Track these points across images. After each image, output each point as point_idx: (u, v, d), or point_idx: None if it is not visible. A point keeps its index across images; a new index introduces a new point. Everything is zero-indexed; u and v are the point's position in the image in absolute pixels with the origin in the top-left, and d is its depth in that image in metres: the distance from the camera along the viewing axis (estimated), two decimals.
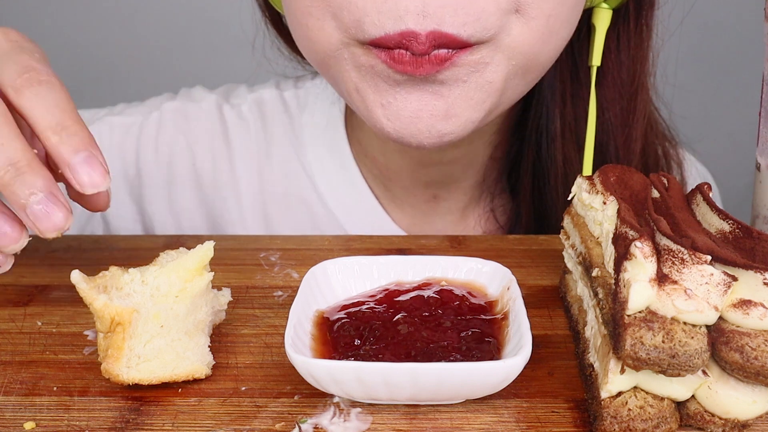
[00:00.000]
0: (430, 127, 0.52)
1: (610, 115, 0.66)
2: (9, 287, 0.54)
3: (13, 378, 0.44)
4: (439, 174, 0.70)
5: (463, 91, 0.52)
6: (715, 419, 0.40)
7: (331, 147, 0.73)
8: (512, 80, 0.54)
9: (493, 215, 0.73)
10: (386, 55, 0.50)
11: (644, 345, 0.37)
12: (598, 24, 0.61)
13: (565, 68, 0.65)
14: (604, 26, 0.61)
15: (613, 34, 0.64)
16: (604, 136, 0.67)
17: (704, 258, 0.38)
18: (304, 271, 0.48)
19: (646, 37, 0.65)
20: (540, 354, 0.46)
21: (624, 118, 0.66)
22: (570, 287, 0.51)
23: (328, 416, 0.41)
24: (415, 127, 0.52)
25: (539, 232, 0.69)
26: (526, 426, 0.41)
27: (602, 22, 0.61)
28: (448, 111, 0.52)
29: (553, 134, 0.66)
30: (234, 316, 0.51)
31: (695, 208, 0.45)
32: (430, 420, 0.41)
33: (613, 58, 0.65)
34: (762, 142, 0.55)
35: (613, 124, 0.66)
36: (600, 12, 0.61)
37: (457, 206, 0.73)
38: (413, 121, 0.52)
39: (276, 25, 0.71)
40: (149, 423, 0.41)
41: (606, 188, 0.46)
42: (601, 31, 0.61)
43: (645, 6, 0.64)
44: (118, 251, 0.60)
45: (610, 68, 0.65)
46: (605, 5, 0.61)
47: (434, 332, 0.43)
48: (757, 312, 0.37)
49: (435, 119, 0.52)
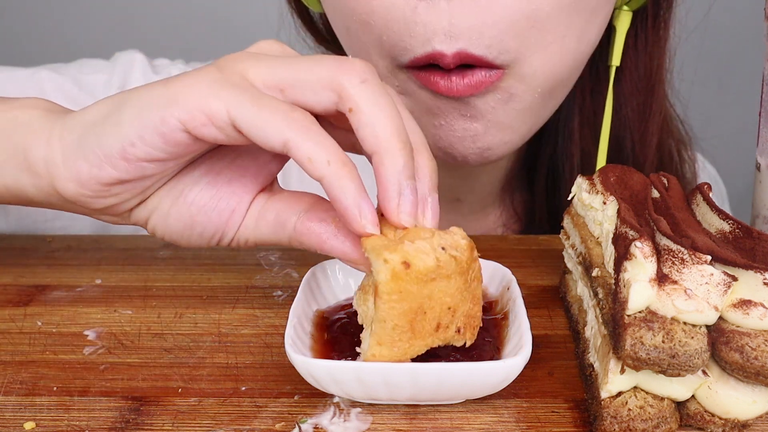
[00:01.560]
0: (472, 145, 0.57)
1: (628, 110, 0.68)
2: (9, 287, 0.54)
3: (13, 378, 0.44)
4: (464, 180, 0.71)
5: (495, 116, 0.56)
6: (715, 419, 0.40)
7: None
8: (540, 103, 0.57)
9: (513, 210, 0.74)
10: (425, 78, 0.54)
11: (644, 345, 0.37)
12: (618, 26, 0.63)
13: (585, 67, 0.67)
14: (625, 28, 0.63)
15: (632, 33, 0.65)
16: (621, 130, 0.68)
17: (704, 258, 0.38)
18: (304, 271, 0.48)
19: (664, 35, 0.67)
20: (540, 354, 0.46)
21: (641, 113, 0.68)
22: (570, 287, 0.51)
23: (328, 416, 0.41)
24: (462, 145, 0.57)
25: (554, 227, 0.70)
26: (526, 426, 0.41)
27: (623, 25, 0.63)
28: (487, 131, 0.56)
29: (571, 129, 0.68)
30: (234, 316, 0.51)
31: (695, 208, 0.45)
32: (430, 420, 0.41)
33: (631, 55, 0.66)
34: (762, 142, 0.55)
35: (630, 118, 0.68)
36: (621, 14, 0.63)
37: (480, 206, 0.74)
38: (460, 140, 0.57)
39: (302, 16, 0.72)
40: (149, 423, 0.41)
41: (606, 188, 0.46)
42: (621, 33, 0.63)
43: (663, 6, 0.65)
44: (118, 251, 0.60)
45: (628, 65, 0.66)
46: (626, 8, 0.62)
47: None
48: (757, 312, 0.37)
49: (477, 138, 0.57)
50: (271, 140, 0.39)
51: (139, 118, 0.41)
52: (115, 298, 0.53)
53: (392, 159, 0.39)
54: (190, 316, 0.51)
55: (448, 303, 0.39)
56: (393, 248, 0.38)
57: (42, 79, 0.73)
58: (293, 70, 0.41)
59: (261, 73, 0.41)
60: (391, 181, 0.39)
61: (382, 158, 0.39)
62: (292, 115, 0.39)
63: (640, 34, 0.66)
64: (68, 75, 0.74)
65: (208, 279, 0.55)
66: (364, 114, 0.39)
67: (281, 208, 0.45)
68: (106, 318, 0.50)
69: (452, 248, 0.39)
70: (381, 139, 0.39)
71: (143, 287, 0.54)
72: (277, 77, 0.41)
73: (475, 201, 0.73)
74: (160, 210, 0.46)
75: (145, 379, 0.44)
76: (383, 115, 0.39)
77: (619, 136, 0.68)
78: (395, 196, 0.40)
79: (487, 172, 0.71)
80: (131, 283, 0.55)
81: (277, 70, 0.41)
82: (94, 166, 0.43)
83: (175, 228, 0.46)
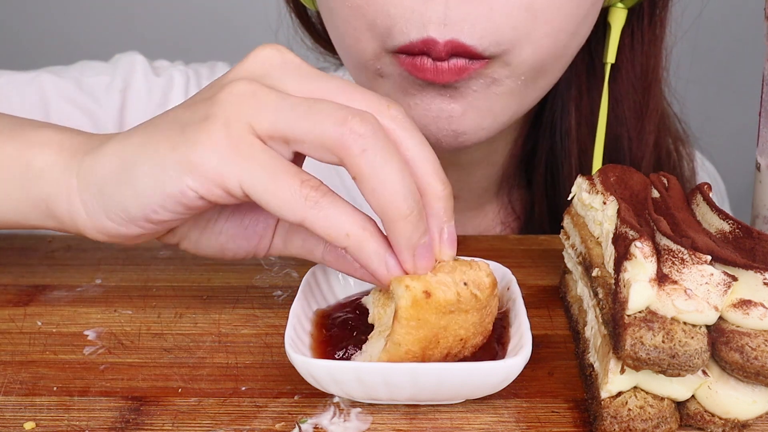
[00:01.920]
0: (447, 126, 0.56)
1: (624, 108, 0.68)
2: (9, 287, 0.54)
3: (13, 378, 0.44)
4: (459, 176, 0.70)
5: (476, 99, 0.55)
6: (715, 419, 0.40)
7: None
8: (523, 91, 0.57)
9: (511, 207, 0.74)
10: (410, 63, 0.54)
11: (644, 345, 0.37)
12: (613, 23, 0.63)
13: (581, 64, 0.67)
14: (620, 25, 0.63)
15: (628, 30, 0.65)
16: (618, 129, 0.68)
17: (704, 258, 0.38)
18: (304, 271, 0.48)
19: (660, 34, 0.67)
20: (540, 354, 0.46)
21: (637, 111, 0.68)
22: (570, 287, 0.51)
23: (328, 416, 0.41)
24: (436, 126, 0.56)
25: (553, 225, 0.70)
26: (526, 426, 0.41)
27: (618, 21, 0.63)
28: (464, 113, 0.56)
29: (568, 127, 0.68)
30: (234, 316, 0.51)
31: (695, 208, 0.45)
32: (430, 420, 0.41)
33: (627, 53, 0.66)
34: (762, 142, 0.55)
35: (626, 117, 0.68)
36: (616, 11, 0.63)
37: (477, 203, 0.74)
38: (434, 120, 0.56)
39: (300, 15, 0.72)
40: (149, 423, 0.41)
41: (606, 188, 0.46)
42: (616, 30, 0.63)
43: (659, 4, 0.65)
44: (118, 251, 0.60)
45: (624, 63, 0.67)
46: (621, 5, 0.62)
47: None
48: (757, 312, 0.37)
49: (452, 120, 0.56)
50: (288, 218, 0.41)
51: (155, 189, 0.42)
52: (115, 298, 0.53)
53: (401, 228, 0.40)
54: (190, 316, 0.51)
55: (462, 335, 0.41)
56: (416, 277, 0.40)
57: (43, 83, 0.73)
58: (296, 122, 0.41)
59: (265, 128, 0.41)
60: (403, 247, 0.40)
61: (390, 226, 0.40)
62: (304, 192, 0.40)
63: (636, 33, 0.66)
64: (69, 78, 0.74)
65: (208, 279, 0.55)
66: (368, 183, 0.40)
67: (306, 236, 0.47)
68: (106, 318, 0.50)
69: (474, 285, 0.41)
70: (387, 209, 0.40)
71: (143, 287, 0.54)
72: (280, 132, 0.41)
73: (471, 198, 0.73)
74: (189, 239, 0.48)
75: (145, 379, 0.44)
76: (387, 184, 0.39)
77: (616, 135, 0.68)
78: (410, 259, 0.41)
79: (482, 167, 0.71)
80: (131, 283, 0.55)
81: (279, 124, 0.41)
82: (120, 226, 0.44)
83: (207, 252, 0.48)
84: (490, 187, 0.74)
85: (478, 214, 0.75)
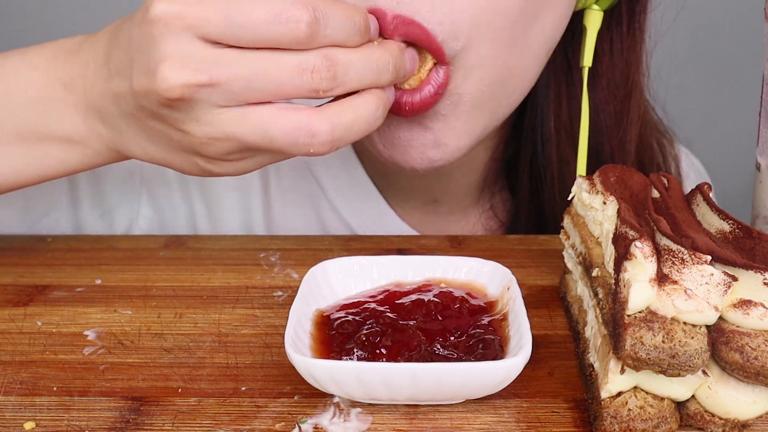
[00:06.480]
0: (421, 154, 0.54)
1: (605, 116, 0.66)
2: (9, 287, 0.54)
3: (13, 378, 0.44)
4: (438, 182, 0.70)
5: (445, 123, 0.54)
6: (715, 419, 0.40)
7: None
8: (492, 99, 0.54)
9: (493, 213, 0.73)
10: None
11: (644, 345, 0.37)
12: (589, 26, 0.61)
13: (560, 70, 0.66)
14: (595, 28, 0.61)
15: (607, 37, 0.64)
16: (599, 137, 0.67)
17: (704, 258, 0.38)
18: (304, 271, 0.48)
19: (639, 40, 0.66)
20: (540, 354, 0.46)
21: (618, 119, 0.67)
22: (570, 287, 0.51)
23: (328, 416, 0.41)
24: (408, 154, 0.55)
25: (539, 230, 0.70)
26: (526, 426, 0.41)
27: (593, 24, 0.61)
28: (437, 141, 0.54)
29: (548, 134, 0.67)
30: (234, 316, 0.51)
31: (695, 208, 0.45)
32: (430, 420, 0.41)
33: (606, 60, 0.65)
34: (762, 142, 0.55)
35: (607, 125, 0.67)
36: (591, 14, 0.61)
37: (458, 207, 0.73)
38: (406, 149, 0.54)
39: None
40: (149, 423, 0.41)
41: (606, 188, 0.46)
42: (591, 32, 0.61)
43: (638, 9, 0.64)
44: (118, 251, 0.60)
45: (604, 70, 0.65)
46: (596, 7, 0.61)
47: (434, 332, 0.43)
48: (757, 312, 0.37)
49: (425, 148, 0.54)
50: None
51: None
52: (115, 298, 0.53)
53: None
54: (190, 316, 0.51)
55: None
56: None
57: None
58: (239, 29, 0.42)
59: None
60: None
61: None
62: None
63: (615, 40, 0.64)
64: None
65: (208, 279, 0.55)
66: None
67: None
68: (106, 318, 0.50)
69: None
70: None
71: (143, 287, 0.54)
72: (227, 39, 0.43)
73: (453, 202, 0.73)
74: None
75: (145, 379, 0.44)
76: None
77: (598, 143, 0.67)
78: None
79: (462, 173, 0.70)
80: (131, 283, 0.55)
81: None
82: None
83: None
84: (471, 192, 0.73)
85: (461, 219, 0.74)
